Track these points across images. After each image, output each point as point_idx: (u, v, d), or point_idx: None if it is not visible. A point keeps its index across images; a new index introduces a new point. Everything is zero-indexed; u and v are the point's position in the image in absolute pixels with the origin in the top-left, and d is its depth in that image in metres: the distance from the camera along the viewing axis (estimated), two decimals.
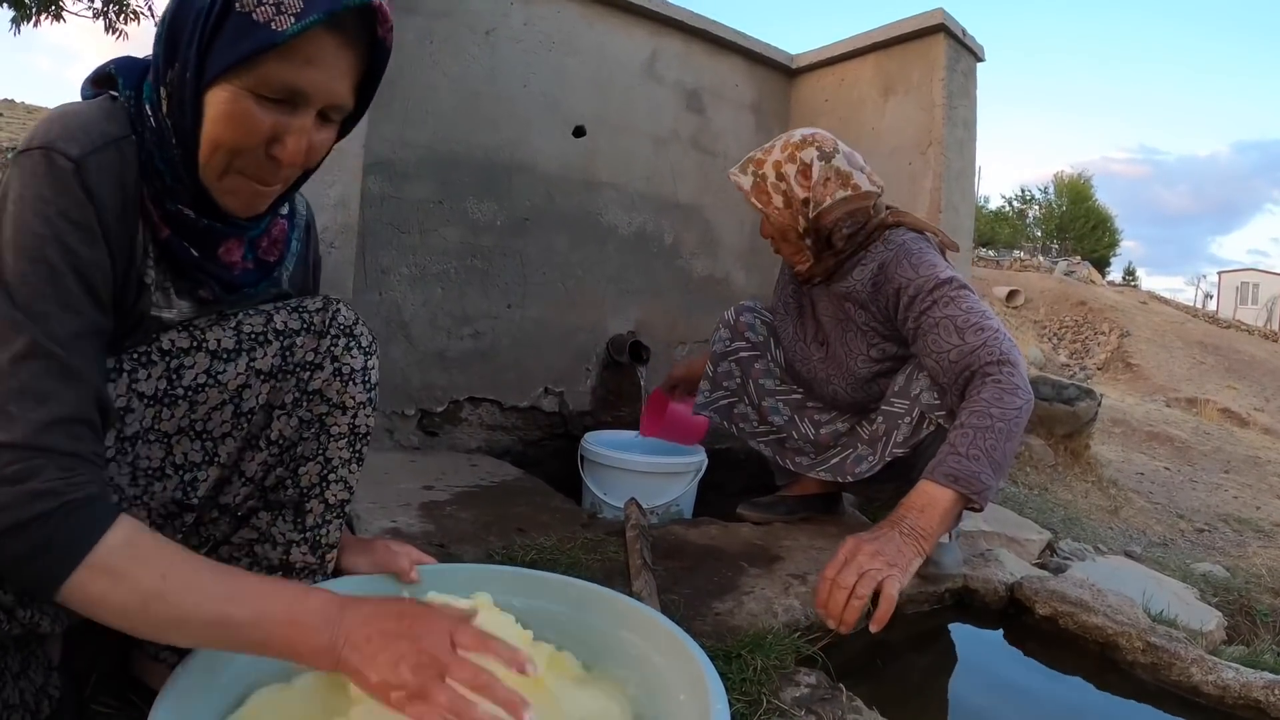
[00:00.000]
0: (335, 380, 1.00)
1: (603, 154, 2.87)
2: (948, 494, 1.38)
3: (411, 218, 2.44)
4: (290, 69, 0.79)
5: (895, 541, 1.32)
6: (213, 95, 0.80)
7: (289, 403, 0.99)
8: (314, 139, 0.86)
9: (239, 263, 0.95)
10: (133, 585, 0.70)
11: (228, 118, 0.80)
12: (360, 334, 1.02)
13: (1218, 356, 12.28)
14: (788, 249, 1.79)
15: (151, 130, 0.83)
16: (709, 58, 3.18)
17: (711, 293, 3.24)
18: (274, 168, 0.85)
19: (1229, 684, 1.35)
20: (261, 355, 0.95)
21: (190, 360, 0.91)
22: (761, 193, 1.73)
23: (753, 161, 1.77)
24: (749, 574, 1.62)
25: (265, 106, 0.80)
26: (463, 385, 2.58)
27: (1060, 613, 1.61)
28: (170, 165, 0.83)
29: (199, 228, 0.87)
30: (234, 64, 0.78)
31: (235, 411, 0.95)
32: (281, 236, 1.01)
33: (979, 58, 2.99)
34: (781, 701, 1.15)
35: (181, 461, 0.94)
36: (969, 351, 1.53)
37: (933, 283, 1.61)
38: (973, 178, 3.02)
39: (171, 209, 0.85)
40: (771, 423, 2.00)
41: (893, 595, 1.24)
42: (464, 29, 2.50)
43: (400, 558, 1.07)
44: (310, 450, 1.01)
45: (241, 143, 0.81)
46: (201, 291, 0.93)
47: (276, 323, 0.97)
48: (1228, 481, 4.56)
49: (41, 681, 0.89)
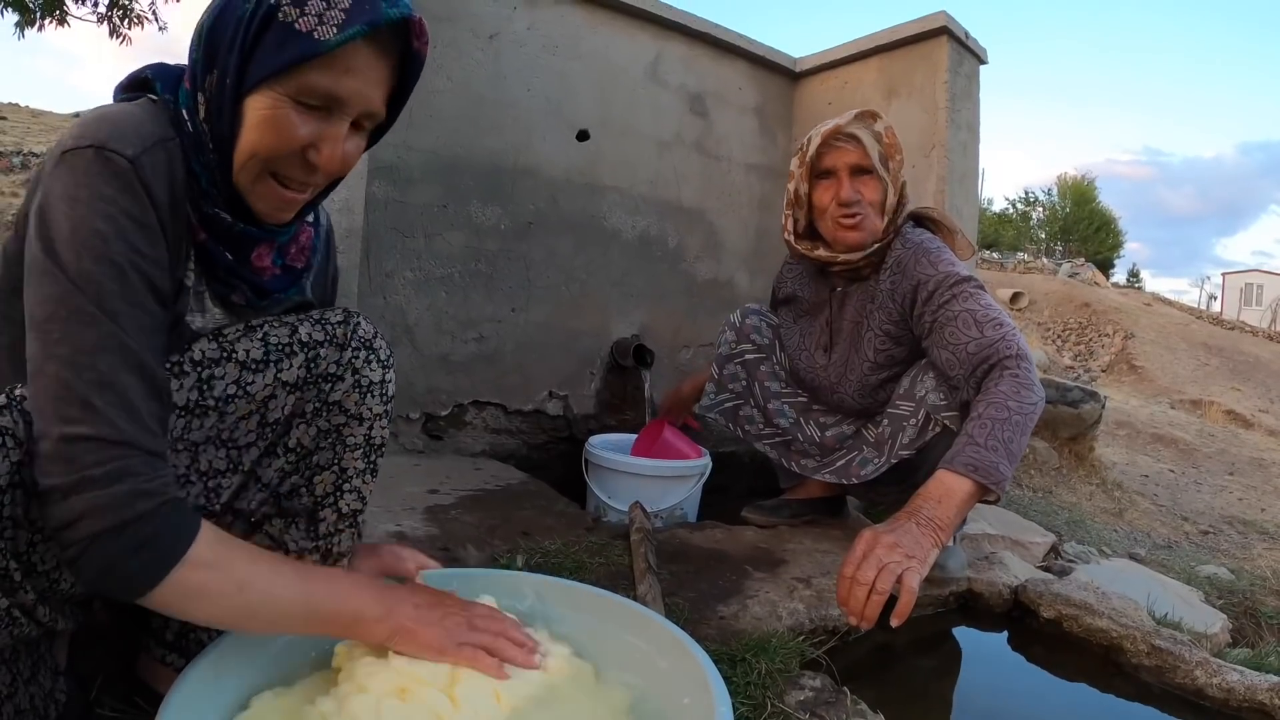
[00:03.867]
0: (354, 392, 1.01)
1: (606, 158, 2.88)
2: (966, 484, 1.37)
3: (416, 222, 2.45)
4: (330, 78, 0.81)
5: (913, 533, 1.30)
6: (252, 102, 0.81)
7: (309, 412, 1.00)
8: (346, 147, 0.87)
9: (269, 268, 0.96)
10: (228, 574, 0.76)
11: (268, 124, 0.82)
12: (379, 347, 1.03)
13: (1222, 358, 12.24)
14: (868, 217, 1.76)
15: (189, 135, 0.84)
16: (712, 61, 3.19)
17: (715, 296, 3.24)
18: (307, 174, 0.87)
19: (1234, 687, 1.35)
20: (288, 367, 0.96)
21: (221, 371, 0.91)
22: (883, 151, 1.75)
23: (866, 115, 1.77)
24: (753, 578, 1.62)
25: (304, 114, 0.82)
26: (467, 389, 2.58)
27: (1065, 615, 1.61)
28: (207, 169, 0.85)
29: (234, 232, 0.89)
30: (276, 72, 0.79)
31: (261, 421, 0.97)
32: (308, 244, 1.03)
33: (982, 60, 2.99)
34: (786, 705, 1.15)
35: (206, 469, 0.96)
36: (988, 344, 1.54)
37: (953, 279, 1.64)
38: (976, 180, 3.03)
39: (209, 212, 0.87)
40: (777, 425, 2.00)
41: (913, 588, 1.22)
42: (467, 33, 2.51)
43: (405, 562, 1.08)
44: (326, 460, 1.02)
45: (279, 149, 0.83)
46: (234, 296, 0.94)
47: (301, 334, 0.97)
48: (1232, 483, 4.55)
49: (49, 686, 0.89)
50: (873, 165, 1.72)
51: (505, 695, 0.85)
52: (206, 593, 0.75)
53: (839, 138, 1.73)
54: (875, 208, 1.74)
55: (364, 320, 1.04)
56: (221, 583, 0.75)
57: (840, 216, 1.75)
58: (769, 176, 3.40)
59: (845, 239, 1.76)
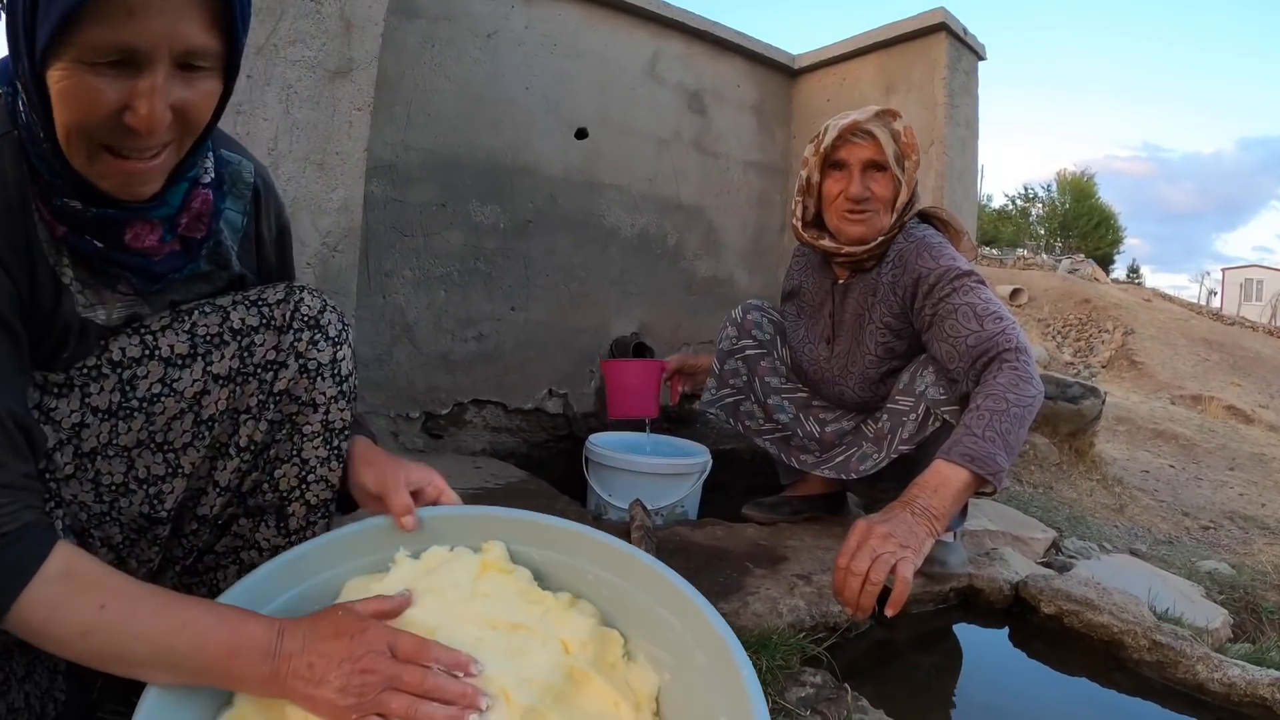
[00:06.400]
0: (302, 378, 0.95)
1: (605, 156, 2.88)
2: (962, 474, 1.37)
3: (415, 221, 2.45)
4: (111, 27, 0.68)
5: (907, 522, 1.30)
6: (50, 76, 0.71)
7: (254, 406, 0.94)
8: (181, 96, 0.75)
9: (158, 247, 0.87)
10: (68, 617, 0.69)
11: (67, 96, 0.71)
12: (327, 323, 0.97)
13: (1222, 353, 12.25)
14: (877, 213, 1.76)
15: (23, 126, 0.77)
16: (710, 59, 3.19)
17: (715, 294, 3.24)
18: (138, 139, 0.75)
19: (1235, 681, 1.35)
20: (219, 358, 0.91)
21: (143, 370, 0.87)
22: (899, 150, 1.75)
23: (886, 114, 1.76)
24: (754, 574, 1.62)
25: (102, 75, 0.70)
26: (467, 388, 2.59)
27: (1065, 611, 1.61)
28: (44, 160, 0.77)
29: (88, 219, 0.80)
30: (54, 37, 0.68)
31: (196, 420, 0.91)
32: (206, 210, 0.91)
33: (980, 56, 2.99)
34: (787, 702, 1.15)
35: (144, 475, 0.90)
36: (988, 338, 1.55)
37: (954, 272, 1.65)
38: (975, 176, 3.03)
39: (58, 204, 0.79)
40: (777, 420, 2.01)
41: (907, 577, 1.22)
42: (465, 32, 2.51)
43: (398, 494, 0.94)
44: (285, 452, 0.97)
45: (88, 120, 0.72)
46: (120, 286, 0.87)
47: (234, 320, 0.92)
48: (1233, 479, 4.55)
49: (47, 685, 0.87)
50: (887, 162, 1.72)
51: (516, 694, 0.77)
52: (46, 634, 0.70)
53: (856, 133, 1.73)
54: (885, 204, 1.74)
55: (308, 294, 0.97)
56: (60, 625, 0.69)
57: (846, 210, 1.75)
58: (768, 174, 3.40)
59: (849, 232, 1.77)
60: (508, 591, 0.91)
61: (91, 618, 0.70)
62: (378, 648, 0.75)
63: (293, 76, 1.62)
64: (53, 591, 0.69)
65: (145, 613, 0.72)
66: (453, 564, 0.93)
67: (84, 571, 0.72)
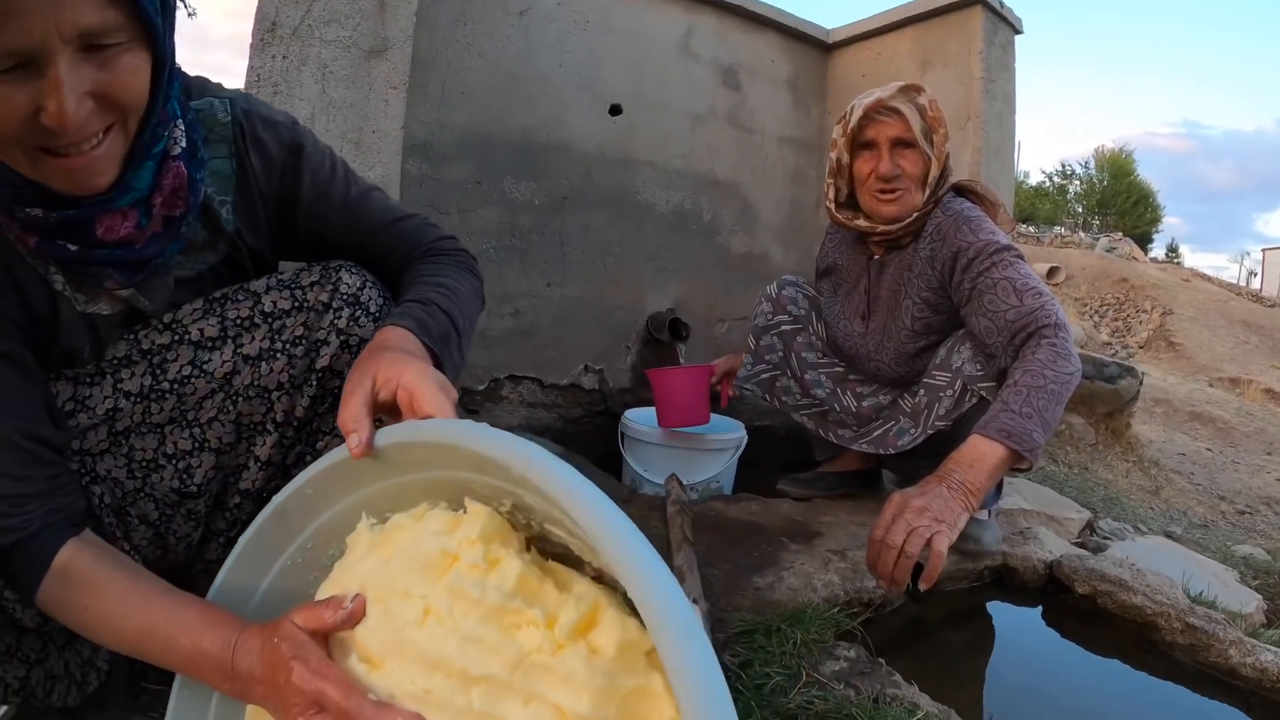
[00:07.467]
0: (344, 354, 0.96)
1: (639, 132, 2.87)
2: (999, 450, 1.37)
3: (450, 198, 2.47)
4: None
5: (943, 496, 1.30)
6: None
7: (285, 383, 0.96)
8: (98, 79, 0.71)
9: (136, 234, 0.84)
10: (67, 615, 0.77)
11: None
12: (368, 299, 0.97)
13: (1262, 336, 11.97)
14: (908, 190, 1.76)
15: None
16: (744, 34, 3.16)
17: (750, 270, 3.24)
18: (61, 137, 0.71)
19: (1267, 666, 1.35)
20: (249, 340, 0.93)
21: (173, 354, 0.91)
22: (926, 125, 1.74)
23: (911, 88, 1.75)
24: (789, 549, 1.64)
25: (6, 83, 0.66)
26: (503, 363, 2.61)
27: (1099, 592, 1.61)
28: None
29: (52, 224, 0.79)
30: None
31: (225, 397, 0.94)
32: (181, 184, 0.87)
33: (1017, 30, 2.94)
34: (821, 674, 1.17)
35: (173, 451, 0.94)
36: (1027, 313, 1.54)
37: (994, 247, 1.64)
38: (1012, 152, 2.98)
39: (20, 216, 0.77)
40: (814, 395, 2.01)
41: (942, 551, 1.23)
42: (498, 10, 2.51)
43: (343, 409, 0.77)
44: (327, 425, 1.00)
45: (6, 129, 0.69)
46: (107, 284, 0.87)
47: (265, 304, 0.94)
48: (1270, 463, 4.48)
49: (89, 654, 0.90)
50: (915, 138, 1.71)
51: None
52: (65, 624, 0.78)
53: (881, 111, 1.72)
54: (916, 181, 1.74)
55: (347, 272, 0.97)
56: (64, 621, 0.78)
57: (878, 190, 1.75)
58: (802, 149, 3.37)
59: (882, 211, 1.77)
60: (480, 609, 0.63)
61: (79, 617, 0.76)
62: (299, 701, 0.65)
63: (328, 56, 1.64)
64: (56, 590, 0.76)
65: (122, 615, 0.75)
66: (408, 552, 0.70)
67: (77, 570, 0.77)
